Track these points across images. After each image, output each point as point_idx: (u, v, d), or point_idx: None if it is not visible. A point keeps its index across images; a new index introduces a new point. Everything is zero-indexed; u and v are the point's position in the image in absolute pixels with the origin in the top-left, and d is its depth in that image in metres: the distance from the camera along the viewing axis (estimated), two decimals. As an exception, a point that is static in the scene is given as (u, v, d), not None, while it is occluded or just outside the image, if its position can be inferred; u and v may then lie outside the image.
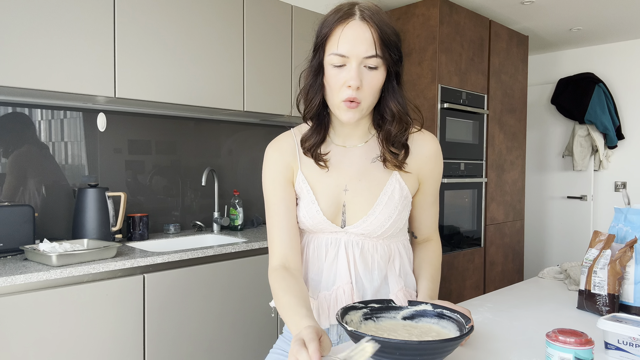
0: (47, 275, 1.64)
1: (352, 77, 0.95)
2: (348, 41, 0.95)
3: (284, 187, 1.10)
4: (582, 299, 1.26)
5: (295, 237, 1.10)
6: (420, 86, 3.23)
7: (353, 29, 0.95)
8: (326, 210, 1.08)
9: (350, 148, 1.10)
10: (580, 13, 3.56)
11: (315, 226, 1.09)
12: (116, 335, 1.82)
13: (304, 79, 1.07)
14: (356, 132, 1.10)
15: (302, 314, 0.92)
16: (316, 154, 1.07)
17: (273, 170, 1.11)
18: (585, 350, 0.81)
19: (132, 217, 2.36)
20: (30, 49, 1.84)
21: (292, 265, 1.08)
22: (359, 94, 0.97)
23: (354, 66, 0.95)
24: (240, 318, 2.22)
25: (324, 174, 1.09)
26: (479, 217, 3.60)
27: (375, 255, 1.10)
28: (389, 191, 1.07)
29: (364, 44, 0.94)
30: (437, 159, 1.14)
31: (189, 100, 2.31)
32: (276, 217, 1.10)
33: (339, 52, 0.96)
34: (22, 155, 2.16)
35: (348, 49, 0.95)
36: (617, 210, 1.30)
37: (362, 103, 0.99)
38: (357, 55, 0.95)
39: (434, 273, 1.16)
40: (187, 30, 2.29)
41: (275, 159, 1.11)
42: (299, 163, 1.10)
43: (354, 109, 0.98)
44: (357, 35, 0.94)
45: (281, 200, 1.10)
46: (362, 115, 1.02)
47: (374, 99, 1.01)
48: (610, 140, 4.26)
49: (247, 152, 3.00)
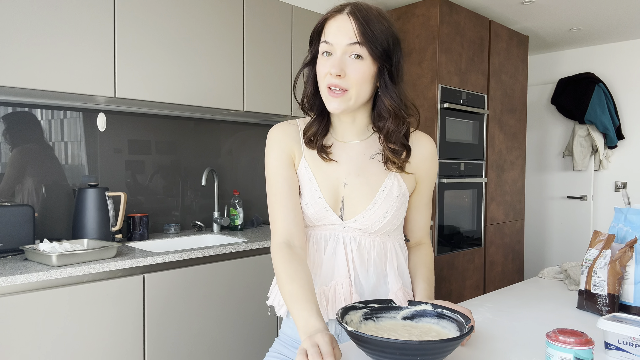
0: (47, 275, 1.64)
1: (333, 65, 1.00)
2: (332, 31, 1.01)
3: (287, 166, 1.11)
4: (582, 299, 1.26)
5: (298, 215, 1.09)
6: (420, 86, 3.23)
7: (338, 22, 1.01)
8: (327, 200, 1.09)
9: (349, 144, 1.12)
10: (580, 13, 3.56)
11: (317, 214, 1.10)
12: (116, 335, 1.82)
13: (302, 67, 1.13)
14: (353, 129, 1.12)
15: (311, 310, 0.92)
16: (319, 145, 1.10)
17: (277, 149, 1.12)
18: (585, 350, 0.81)
19: (132, 217, 2.36)
20: (31, 49, 1.84)
21: (297, 243, 1.07)
22: (343, 82, 1.01)
23: (338, 55, 1.01)
24: (240, 318, 2.22)
25: (324, 166, 1.11)
26: (479, 217, 3.60)
27: (371, 252, 1.11)
28: (387, 187, 1.09)
29: (347, 33, 1.00)
30: (434, 160, 1.16)
31: (189, 100, 2.31)
32: (279, 195, 1.09)
33: (325, 39, 1.03)
34: (25, 153, 2.16)
35: (332, 38, 1.01)
36: (617, 210, 1.30)
37: (350, 91, 1.01)
38: (340, 43, 1.00)
39: (429, 275, 1.17)
40: (187, 30, 2.29)
41: (280, 138, 1.13)
42: (302, 150, 1.12)
43: (338, 97, 1.02)
44: (341, 26, 1.01)
45: (285, 178, 1.10)
46: (348, 106, 1.03)
47: (362, 89, 1.03)
48: (610, 140, 4.26)
49: (247, 152, 3.00)
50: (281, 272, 1.02)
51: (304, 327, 0.90)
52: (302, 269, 1.02)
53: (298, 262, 1.03)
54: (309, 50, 1.09)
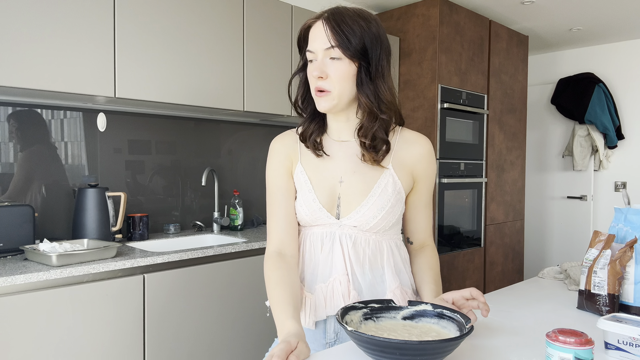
0: (47, 275, 1.64)
1: (314, 68, 1.08)
2: (312, 39, 1.09)
3: (283, 177, 1.17)
4: (582, 299, 1.26)
5: (292, 225, 1.16)
6: (420, 86, 3.23)
7: (316, 29, 1.08)
8: (322, 201, 1.12)
9: (345, 142, 1.16)
10: (580, 13, 3.56)
11: (311, 215, 1.13)
12: (116, 335, 1.82)
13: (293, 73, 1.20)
14: (347, 127, 1.15)
15: (288, 313, 0.99)
16: (313, 142, 1.15)
17: (275, 161, 1.19)
18: (585, 350, 0.81)
19: (132, 217, 2.36)
20: (31, 49, 1.84)
21: (288, 252, 1.14)
22: (326, 84, 1.07)
23: (319, 59, 1.08)
24: (240, 318, 2.22)
25: (321, 166, 1.14)
26: (479, 217, 3.60)
27: (366, 250, 1.12)
28: (382, 184, 1.11)
29: (322, 39, 1.07)
30: (430, 159, 1.18)
31: (189, 100, 2.31)
32: (275, 205, 1.16)
33: (308, 48, 1.10)
34: (32, 155, 2.17)
35: (311, 45, 1.09)
36: (617, 210, 1.30)
37: (333, 92, 1.08)
38: (319, 48, 1.07)
39: (436, 277, 1.18)
40: (187, 30, 2.29)
41: (277, 149, 1.20)
42: (299, 155, 1.17)
43: (323, 97, 1.09)
44: (317, 33, 1.08)
45: (279, 189, 1.16)
46: (333, 104, 1.09)
47: (344, 88, 1.08)
48: (610, 140, 4.26)
49: (247, 152, 3.00)
50: (269, 277, 1.09)
51: (280, 330, 0.98)
52: (289, 275, 1.08)
53: (285, 269, 1.09)
54: (300, 57, 1.16)
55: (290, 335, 0.92)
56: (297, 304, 1.02)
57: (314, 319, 1.11)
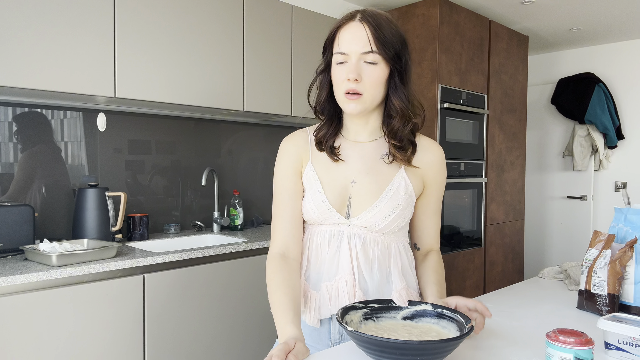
0: (47, 275, 1.64)
1: (350, 71, 1.05)
2: (347, 40, 1.06)
3: (291, 178, 1.16)
4: (582, 299, 1.26)
5: (297, 227, 1.15)
6: (420, 86, 3.23)
7: (351, 30, 1.06)
8: (332, 201, 1.12)
9: (360, 143, 1.16)
10: (580, 13, 3.56)
11: (320, 215, 1.12)
12: (116, 335, 1.82)
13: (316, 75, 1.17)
14: (366, 129, 1.15)
15: (288, 318, 0.99)
16: (329, 146, 1.14)
17: (284, 162, 1.17)
18: (585, 350, 0.81)
19: (132, 217, 2.36)
20: (31, 49, 1.84)
21: (291, 254, 1.13)
22: (359, 87, 1.05)
23: (353, 62, 1.05)
24: (240, 318, 2.22)
25: (333, 166, 1.14)
26: (479, 217, 3.60)
27: (376, 250, 1.12)
28: (394, 186, 1.11)
29: (360, 41, 1.04)
30: (441, 167, 1.18)
31: (189, 100, 2.31)
32: (282, 206, 1.16)
33: (340, 50, 1.07)
34: (33, 155, 2.17)
35: (347, 47, 1.06)
36: (617, 210, 1.30)
37: (364, 95, 1.06)
38: (355, 52, 1.05)
39: (441, 279, 1.17)
40: (187, 30, 2.29)
41: (287, 150, 1.18)
42: (310, 155, 1.16)
43: (355, 100, 1.06)
44: (354, 34, 1.05)
45: (287, 190, 1.15)
46: (364, 107, 1.08)
47: (376, 92, 1.08)
48: (610, 140, 4.26)
49: (247, 152, 3.00)
50: (271, 279, 1.08)
51: (279, 333, 0.99)
52: (290, 278, 1.08)
53: (288, 272, 1.09)
54: (322, 58, 1.14)
55: (290, 338, 0.93)
56: (298, 309, 1.02)
57: (318, 317, 1.11)
